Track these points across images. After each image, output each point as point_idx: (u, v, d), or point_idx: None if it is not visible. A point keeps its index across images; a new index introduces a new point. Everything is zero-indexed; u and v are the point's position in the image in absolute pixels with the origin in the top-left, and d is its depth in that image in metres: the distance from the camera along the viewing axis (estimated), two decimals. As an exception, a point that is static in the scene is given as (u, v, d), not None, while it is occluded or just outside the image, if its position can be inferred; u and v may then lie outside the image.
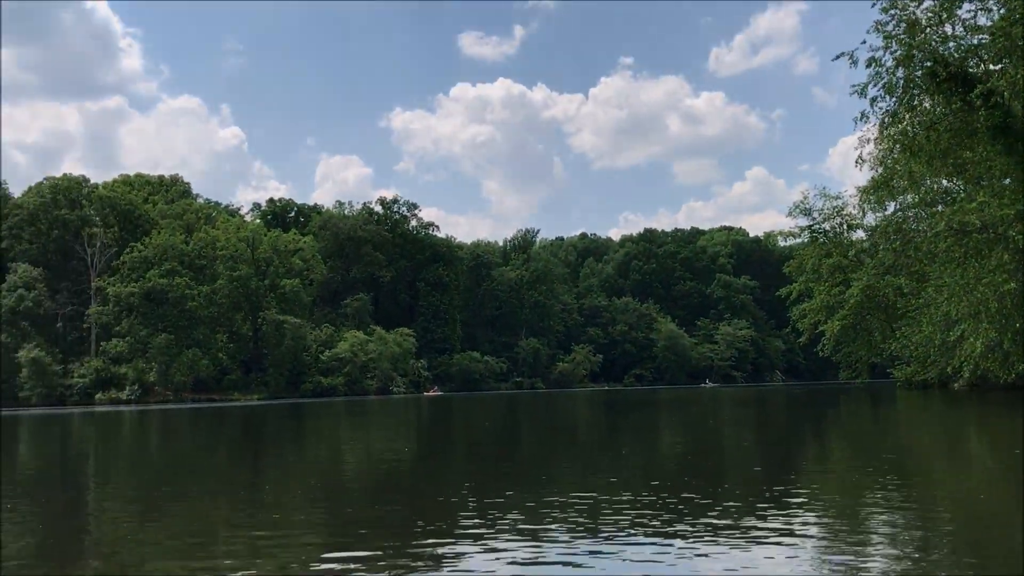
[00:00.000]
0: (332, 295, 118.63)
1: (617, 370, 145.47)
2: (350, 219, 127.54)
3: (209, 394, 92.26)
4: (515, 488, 13.23)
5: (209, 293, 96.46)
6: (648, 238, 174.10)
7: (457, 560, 8.10)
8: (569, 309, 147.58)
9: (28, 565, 8.49)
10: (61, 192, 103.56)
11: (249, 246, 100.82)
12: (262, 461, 20.95)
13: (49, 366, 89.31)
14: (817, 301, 63.06)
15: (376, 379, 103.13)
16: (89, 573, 8.09)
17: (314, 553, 8.53)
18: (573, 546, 8.51)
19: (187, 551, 8.77)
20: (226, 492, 14.14)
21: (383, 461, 19.05)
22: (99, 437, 33.43)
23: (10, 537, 10.24)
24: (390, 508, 11.68)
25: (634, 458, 18.15)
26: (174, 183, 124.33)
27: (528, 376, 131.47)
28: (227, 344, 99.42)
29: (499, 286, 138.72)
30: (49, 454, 25.57)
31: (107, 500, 13.85)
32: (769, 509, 10.36)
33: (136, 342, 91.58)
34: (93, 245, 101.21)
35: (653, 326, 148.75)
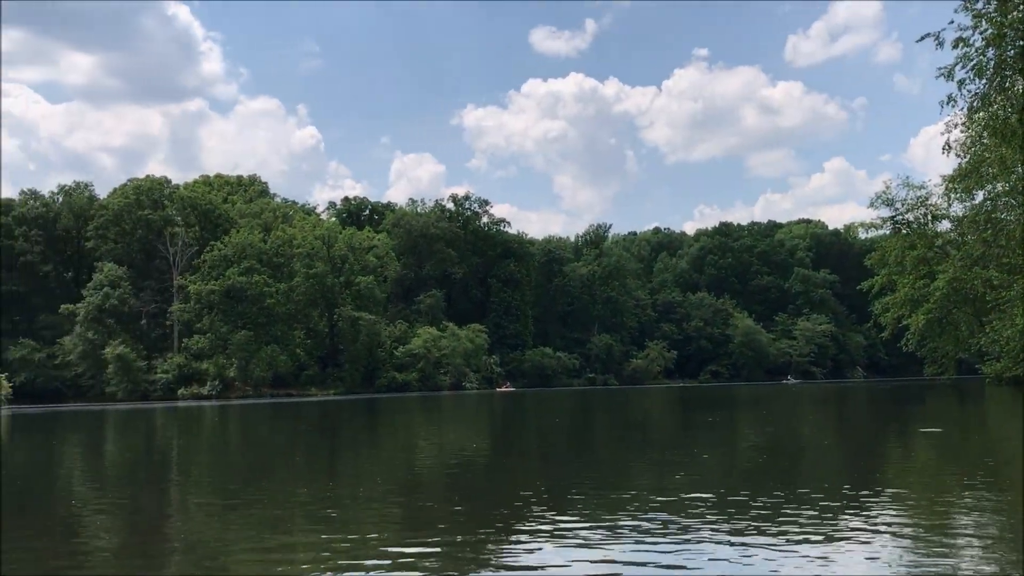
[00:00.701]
0: (405, 292, 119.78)
1: (692, 366, 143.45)
2: (422, 216, 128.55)
3: (287, 389, 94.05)
4: (588, 486, 12.99)
5: (287, 290, 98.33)
6: (724, 232, 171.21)
7: (530, 558, 7.98)
8: (642, 305, 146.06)
9: (112, 558, 8.60)
10: (144, 193, 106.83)
11: (325, 244, 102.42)
12: (338, 456, 21.11)
13: (134, 362, 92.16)
14: (901, 294, 60.96)
15: (449, 375, 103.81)
16: (171, 567, 8.16)
17: (388, 549, 8.50)
18: (647, 546, 8.30)
19: (265, 546, 8.84)
20: (303, 486, 14.21)
21: (456, 457, 18.96)
22: (182, 431, 34.23)
23: (97, 529, 10.51)
24: (463, 504, 11.62)
25: (709, 456, 17.67)
26: (252, 183, 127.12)
27: (601, 372, 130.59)
28: (304, 340, 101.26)
29: (571, 282, 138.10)
30: (135, 448, 26.23)
31: (190, 493, 14.14)
32: (849, 510, 9.99)
33: (217, 339, 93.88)
34: (175, 244, 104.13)
35: (729, 321, 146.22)
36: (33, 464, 20.83)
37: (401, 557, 8.10)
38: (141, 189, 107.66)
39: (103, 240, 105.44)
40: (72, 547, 9.20)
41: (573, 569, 7.51)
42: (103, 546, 9.37)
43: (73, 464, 20.96)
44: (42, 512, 11.99)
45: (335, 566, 7.78)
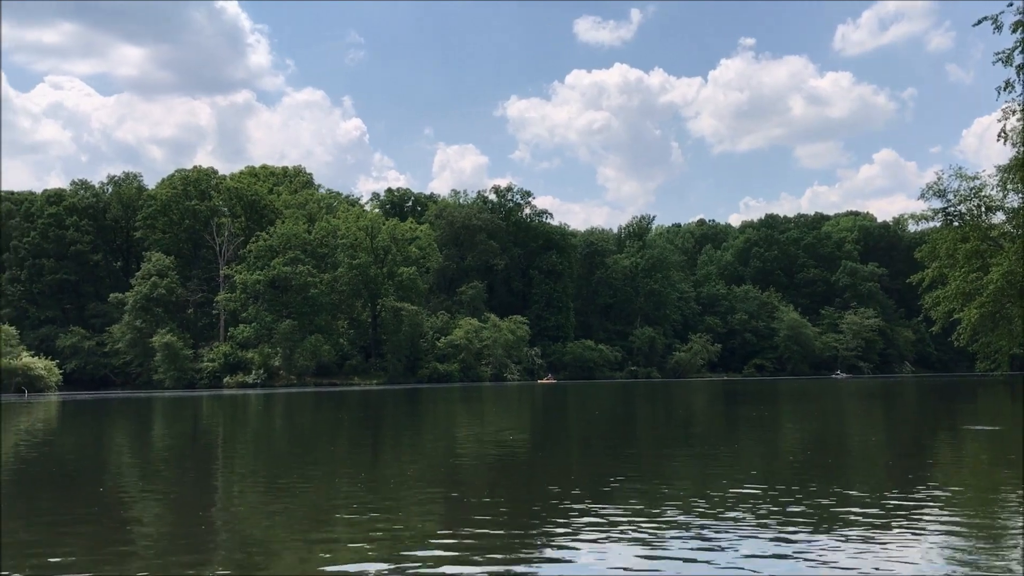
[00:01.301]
0: (448, 283, 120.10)
1: (736, 360, 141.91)
2: (465, 208, 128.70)
3: (331, 378, 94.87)
4: (629, 479, 12.86)
5: (330, 281, 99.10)
6: (769, 224, 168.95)
7: (570, 551, 7.93)
8: (686, 297, 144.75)
9: (158, 544, 8.72)
10: (192, 184, 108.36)
11: (368, 235, 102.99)
12: (381, 445, 21.14)
13: (181, 351, 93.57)
14: (952, 288, 59.45)
15: (490, 366, 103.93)
16: (216, 554, 8.22)
17: (429, 539, 8.54)
18: (688, 541, 8.20)
19: (308, 534, 8.92)
20: (346, 475, 14.37)
21: (497, 448, 18.86)
22: (227, 419, 34.60)
23: (143, 515, 10.68)
24: (505, 495, 11.60)
25: (753, 451, 17.36)
26: (297, 174, 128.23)
27: (643, 365, 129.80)
28: (347, 330, 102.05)
29: (613, 274, 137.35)
30: (182, 435, 26.56)
31: (234, 481, 14.30)
32: (894, 509, 9.78)
33: (262, 328, 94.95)
34: (221, 234, 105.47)
35: (774, 315, 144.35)
36: (82, 450, 21.13)
37: (442, 548, 8.08)
38: (188, 180, 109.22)
39: (151, 230, 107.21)
40: (119, 533, 9.30)
41: (613, 562, 7.42)
42: (149, 532, 9.46)
43: (121, 450, 21.26)
44: (91, 497, 12.13)
45: (377, 556, 7.78)
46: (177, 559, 7.93)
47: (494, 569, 7.32)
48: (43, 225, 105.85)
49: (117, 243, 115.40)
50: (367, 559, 7.70)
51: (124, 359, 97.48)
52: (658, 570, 7.16)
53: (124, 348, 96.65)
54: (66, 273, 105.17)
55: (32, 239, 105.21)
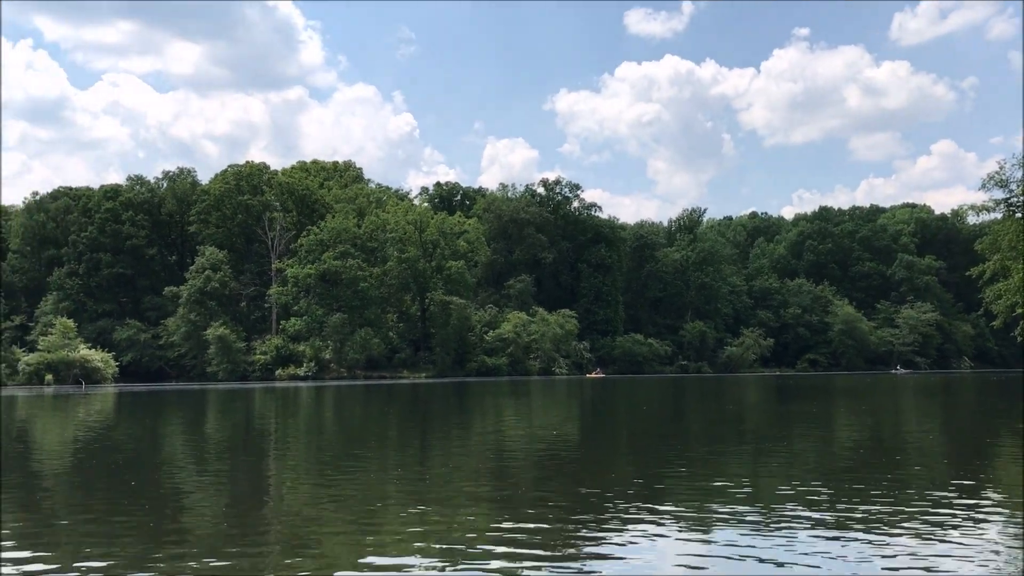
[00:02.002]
0: (496, 277, 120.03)
1: (789, 355, 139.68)
2: (513, 201, 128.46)
3: (380, 372, 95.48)
4: (678, 475, 12.70)
5: (380, 274, 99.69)
6: (824, 216, 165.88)
7: (619, 547, 7.82)
8: (738, 291, 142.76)
9: (213, 533, 8.81)
10: (244, 179, 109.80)
11: (417, 229, 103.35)
12: (429, 437, 21.09)
13: (234, 343, 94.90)
14: (1015, 281, 57.65)
15: (539, 360, 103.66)
16: (268, 544, 8.27)
17: (477, 532, 8.53)
18: (738, 538, 8.05)
19: (357, 525, 8.99)
20: (395, 466, 14.44)
21: (546, 441, 18.64)
22: (279, 411, 34.88)
23: (198, 503, 10.83)
24: (553, 490, 11.49)
25: (806, 448, 16.89)
26: (347, 168, 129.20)
27: (694, 360, 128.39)
28: (397, 324, 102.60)
29: (664, 267, 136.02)
30: (235, 426, 26.80)
31: (287, 471, 14.42)
32: (949, 508, 9.45)
33: (313, 321, 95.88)
34: (273, 229, 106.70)
35: (828, 309, 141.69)
36: (138, 441, 21.36)
37: (491, 543, 8.03)
38: (241, 175, 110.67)
39: (205, 224, 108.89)
40: (173, 523, 9.39)
41: (667, 560, 7.34)
42: (202, 522, 9.54)
43: (176, 441, 21.49)
44: (146, 487, 12.24)
45: (426, 549, 7.77)
46: (230, 549, 7.99)
47: (543, 564, 7.21)
48: (100, 220, 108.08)
49: (172, 237, 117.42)
50: (416, 552, 7.69)
51: (179, 351, 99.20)
52: (712, 569, 7.02)
53: (179, 341, 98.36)
54: (122, 267, 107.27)
55: (90, 234, 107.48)
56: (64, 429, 25.49)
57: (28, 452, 18.60)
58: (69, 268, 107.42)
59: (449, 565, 7.18)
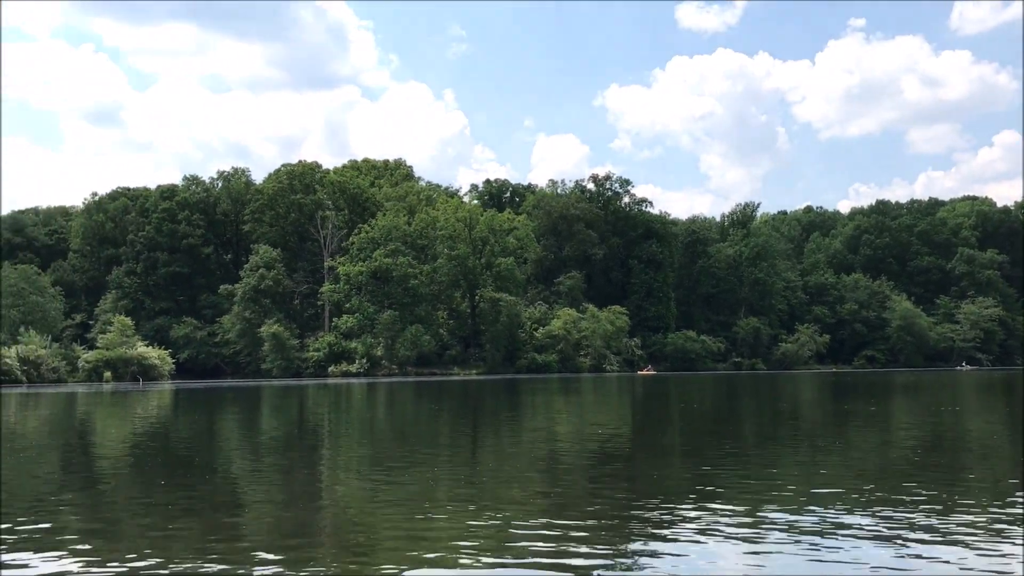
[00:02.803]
0: (545, 273, 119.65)
1: (846, 351, 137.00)
2: (562, 198, 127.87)
3: (431, 368, 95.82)
4: (731, 476, 12.32)
5: (430, 272, 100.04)
6: (881, 210, 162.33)
7: (672, 548, 7.63)
8: (792, 286, 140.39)
9: (266, 529, 8.86)
10: (296, 178, 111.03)
11: (466, 226, 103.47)
12: (480, 434, 20.92)
13: (287, 341, 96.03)
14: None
15: (589, 357, 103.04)
16: (321, 540, 8.29)
17: (529, 532, 8.38)
18: (794, 542, 7.73)
19: (409, 523, 8.89)
20: (447, 464, 14.37)
21: (597, 440, 18.33)
22: (332, 407, 35.04)
23: (253, 499, 10.85)
24: (604, 490, 11.26)
25: (863, 448, 16.30)
26: (398, 167, 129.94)
27: (747, 357, 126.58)
28: (447, 321, 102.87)
29: (716, 263, 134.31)
30: (290, 423, 26.96)
31: (339, 469, 14.47)
32: (1013, 512, 8.96)
33: (364, 318, 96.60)
34: (325, 227, 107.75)
35: (886, 304, 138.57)
36: (195, 437, 21.52)
37: (542, 540, 7.94)
38: (294, 174, 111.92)
39: (259, 223, 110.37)
40: (229, 518, 9.48)
41: (717, 563, 7.18)
42: (257, 518, 9.58)
43: (232, 437, 21.64)
44: (203, 482, 12.37)
45: (476, 547, 7.73)
46: (283, 543, 8.10)
47: (595, 564, 7.11)
48: (157, 219, 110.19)
49: (227, 236, 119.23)
50: (467, 551, 7.62)
51: (234, 348, 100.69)
52: (768, 570, 6.82)
53: (234, 338, 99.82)
54: (179, 266, 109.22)
55: (147, 233, 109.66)
56: (122, 425, 25.82)
57: (88, 448, 18.81)
58: (127, 267, 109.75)
59: (501, 566, 7.06)
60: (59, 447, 18.65)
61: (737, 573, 6.83)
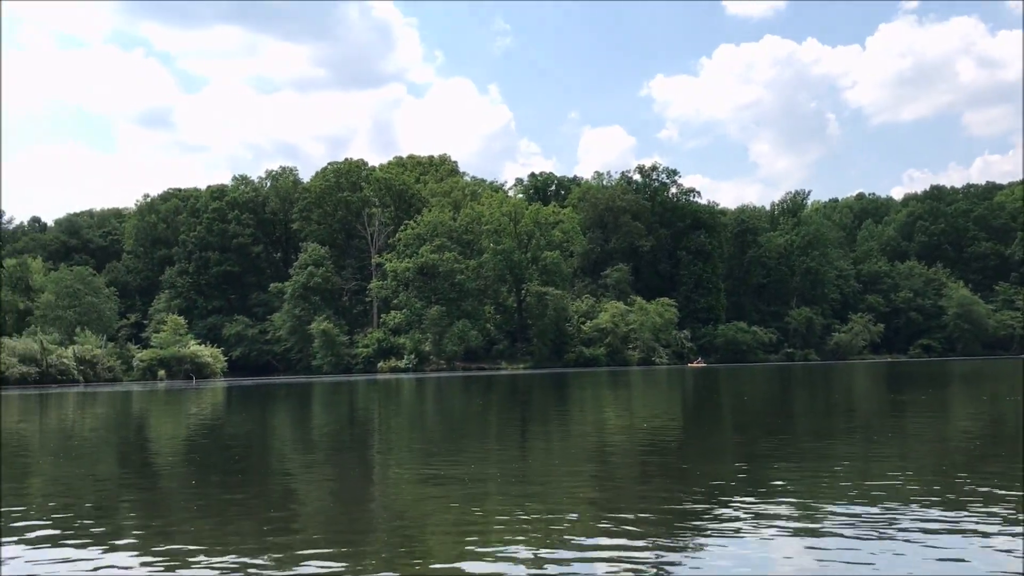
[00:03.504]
0: (592, 266, 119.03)
1: (901, 340, 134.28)
2: (608, 189, 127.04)
3: (479, 363, 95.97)
4: (785, 468, 11.99)
5: (476, 267, 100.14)
6: (935, 196, 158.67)
7: (727, 543, 7.45)
8: (845, 275, 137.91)
9: (320, 524, 8.87)
10: (343, 175, 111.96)
11: (511, 220, 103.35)
12: (529, 429, 20.74)
13: (337, 337, 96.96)
14: None
15: (638, 350, 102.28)
16: (373, 537, 8.23)
17: (579, 525, 8.34)
18: (850, 536, 7.50)
19: (460, 518, 8.89)
20: (497, 458, 14.31)
21: (647, 433, 18.03)
22: (382, 403, 35.18)
23: (307, 495, 10.87)
24: (656, 483, 11.12)
25: (919, 439, 15.79)
26: (442, 163, 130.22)
27: (800, 347, 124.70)
28: (494, 315, 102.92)
29: (767, 252, 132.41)
30: (341, 418, 27.11)
31: (390, 463, 14.47)
32: None
33: (412, 314, 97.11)
34: (372, 224, 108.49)
35: (942, 292, 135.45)
36: (249, 434, 21.67)
37: (594, 534, 7.89)
38: (340, 172, 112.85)
39: (307, 221, 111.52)
40: (283, 514, 9.49)
41: (771, 557, 7.00)
42: (310, 513, 9.64)
43: (284, 433, 21.79)
44: (257, 479, 12.45)
45: (528, 542, 7.63)
46: (336, 538, 8.13)
47: (648, 559, 6.98)
48: (208, 219, 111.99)
49: (276, 235, 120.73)
50: (519, 545, 7.54)
51: (285, 346, 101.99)
52: (827, 569, 6.58)
53: (284, 335, 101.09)
54: (230, 264, 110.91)
55: (198, 233, 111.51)
56: (176, 423, 26.14)
57: (144, 446, 19.04)
58: (180, 267, 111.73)
59: (552, 563, 6.92)
60: (116, 445, 18.90)
61: (792, 570, 6.64)
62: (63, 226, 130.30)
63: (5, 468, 14.25)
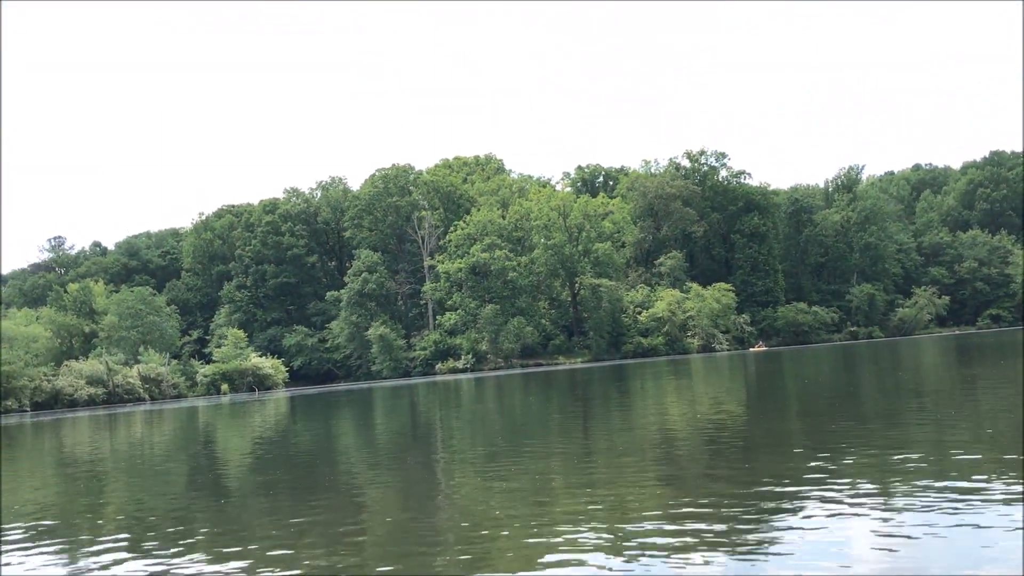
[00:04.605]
0: (645, 255, 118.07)
1: (968, 312, 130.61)
2: (657, 177, 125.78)
3: (536, 359, 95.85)
4: (855, 449, 11.80)
5: (528, 263, 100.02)
6: (995, 161, 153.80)
7: (797, 529, 7.38)
8: (906, 249, 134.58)
9: (389, 530, 8.92)
10: (391, 181, 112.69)
11: (560, 214, 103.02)
12: (590, 423, 20.63)
13: (394, 341, 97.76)
14: None
15: (697, 337, 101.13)
16: (444, 539, 8.28)
17: (648, 517, 8.35)
18: (927, 515, 7.42)
19: (528, 512, 8.97)
20: (561, 455, 14.25)
21: (711, 422, 17.74)
22: (443, 404, 35.33)
23: (374, 501, 10.89)
24: (722, 470, 11.04)
25: (992, 416, 15.16)
26: (488, 161, 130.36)
27: (863, 325, 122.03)
28: (548, 310, 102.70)
29: (823, 231, 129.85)
30: (403, 421, 27.29)
31: (455, 464, 14.65)
32: None
33: (467, 314, 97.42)
34: (422, 227, 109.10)
35: (1008, 260, 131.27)
36: (313, 442, 21.91)
37: (663, 525, 7.88)
38: (388, 177, 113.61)
39: (358, 229, 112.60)
40: (352, 521, 9.63)
41: (852, 538, 6.94)
42: (379, 519, 9.76)
43: (348, 439, 22.02)
44: (324, 487, 12.57)
45: (598, 539, 7.60)
46: (406, 548, 8.13)
47: (721, 547, 6.99)
48: (262, 233, 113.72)
49: (329, 244, 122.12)
50: (589, 544, 7.49)
51: (344, 353, 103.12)
52: (903, 551, 6.47)
53: (343, 343, 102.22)
54: (286, 276, 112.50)
55: (254, 247, 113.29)
56: (242, 435, 26.53)
57: (212, 460, 19.33)
58: (238, 281, 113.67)
59: (624, 559, 6.89)
60: (185, 460, 19.23)
61: (874, 552, 6.55)
62: (123, 248, 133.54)
63: (82, 486, 14.59)
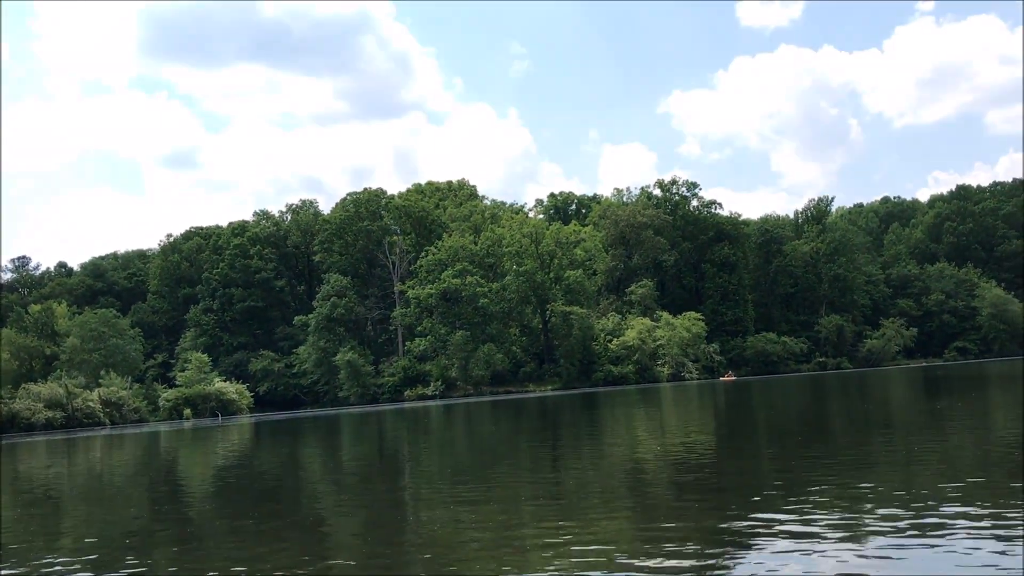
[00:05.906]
0: (616, 283, 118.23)
1: (935, 344, 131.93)
2: (629, 206, 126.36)
3: (506, 386, 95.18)
4: (824, 480, 11.70)
5: (499, 289, 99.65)
6: (962, 195, 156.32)
7: (768, 558, 7.28)
8: (874, 280, 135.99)
9: (355, 556, 8.77)
10: (362, 205, 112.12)
11: (533, 241, 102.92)
12: (559, 451, 20.21)
13: (363, 367, 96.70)
14: None
15: (667, 366, 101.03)
16: (410, 565, 8.14)
17: (617, 546, 8.25)
18: (895, 546, 7.36)
19: (496, 542, 8.82)
20: (530, 483, 14.04)
21: (681, 449, 17.43)
22: (411, 431, 34.69)
23: (338, 528, 10.67)
24: (693, 499, 10.91)
25: (958, 446, 15.13)
26: (461, 187, 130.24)
27: (832, 356, 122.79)
28: (519, 338, 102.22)
29: (792, 261, 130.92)
30: (370, 449, 26.69)
31: (423, 491, 14.30)
32: None
33: (437, 340, 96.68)
34: (393, 252, 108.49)
35: (975, 292, 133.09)
36: (276, 468, 21.30)
37: (633, 555, 7.72)
38: (360, 202, 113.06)
39: (328, 253, 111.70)
40: (317, 547, 9.50)
41: (822, 571, 6.84)
42: (344, 545, 9.66)
43: (313, 466, 21.41)
44: (288, 513, 12.29)
45: (566, 566, 7.52)
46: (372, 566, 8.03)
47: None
48: (230, 256, 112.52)
49: (298, 268, 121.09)
50: (555, 568, 7.46)
51: (311, 378, 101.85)
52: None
53: (311, 368, 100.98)
54: (254, 300, 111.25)
55: (221, 270, 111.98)
56: (204, 461, 25.78)
57: (173, 486, 18.67)
58: (204, 304, 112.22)
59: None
60: (144, 486, 18.54)
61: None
62: (88, 270, 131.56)
63: (36, 512, 13.92)
